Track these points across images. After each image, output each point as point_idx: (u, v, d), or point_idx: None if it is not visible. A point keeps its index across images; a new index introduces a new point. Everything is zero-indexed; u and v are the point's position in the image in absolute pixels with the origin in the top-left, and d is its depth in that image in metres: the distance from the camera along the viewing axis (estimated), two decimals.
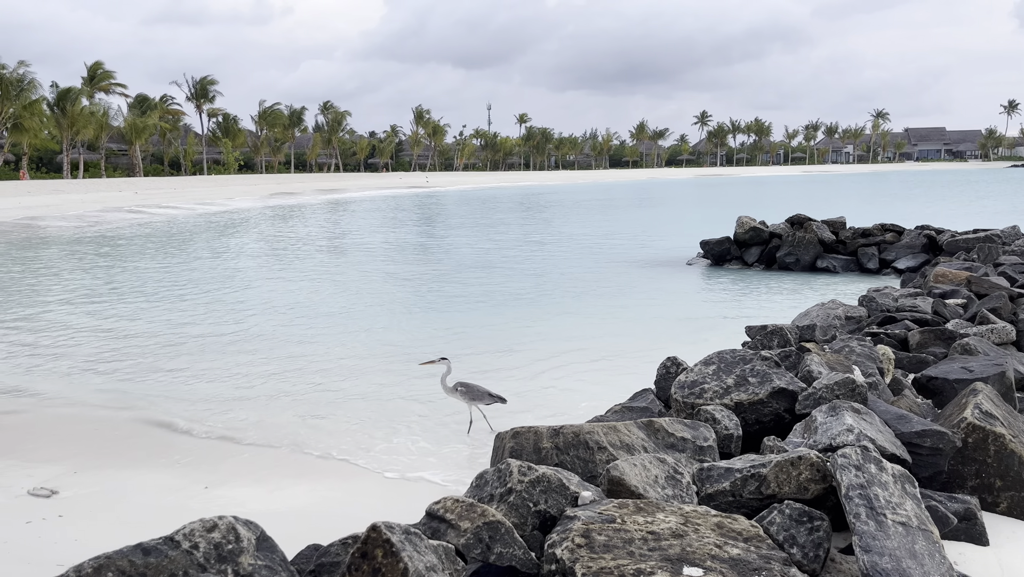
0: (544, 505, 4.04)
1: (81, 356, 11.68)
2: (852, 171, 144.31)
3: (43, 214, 41.69)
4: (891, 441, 4.83)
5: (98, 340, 12.79)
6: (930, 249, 20.10)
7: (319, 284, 19.32)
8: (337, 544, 3.69)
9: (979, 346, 7.46)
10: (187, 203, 53.30)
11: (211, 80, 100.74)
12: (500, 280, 19.74)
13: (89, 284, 19.30)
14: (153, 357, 11.60)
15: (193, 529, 3.35)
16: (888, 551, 3.66)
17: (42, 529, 5.54)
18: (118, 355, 11.74)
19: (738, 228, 22.29)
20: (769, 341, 8.11)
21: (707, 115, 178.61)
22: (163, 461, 7.22)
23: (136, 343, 12.55)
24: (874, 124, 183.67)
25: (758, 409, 5.62)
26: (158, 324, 14.11)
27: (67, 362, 11.31)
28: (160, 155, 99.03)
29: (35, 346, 12.39)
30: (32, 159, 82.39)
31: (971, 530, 4.51)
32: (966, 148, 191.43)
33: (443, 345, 12.19)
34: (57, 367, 11.04)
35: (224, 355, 11.67)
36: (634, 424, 5.16)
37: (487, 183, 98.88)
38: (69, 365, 11.14)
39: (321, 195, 69.15)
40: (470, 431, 7.89)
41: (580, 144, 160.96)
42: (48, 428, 8.32)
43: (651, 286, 18.61)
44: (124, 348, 12.20)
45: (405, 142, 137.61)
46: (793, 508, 3.98)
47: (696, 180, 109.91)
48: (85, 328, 13.76)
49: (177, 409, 9.02)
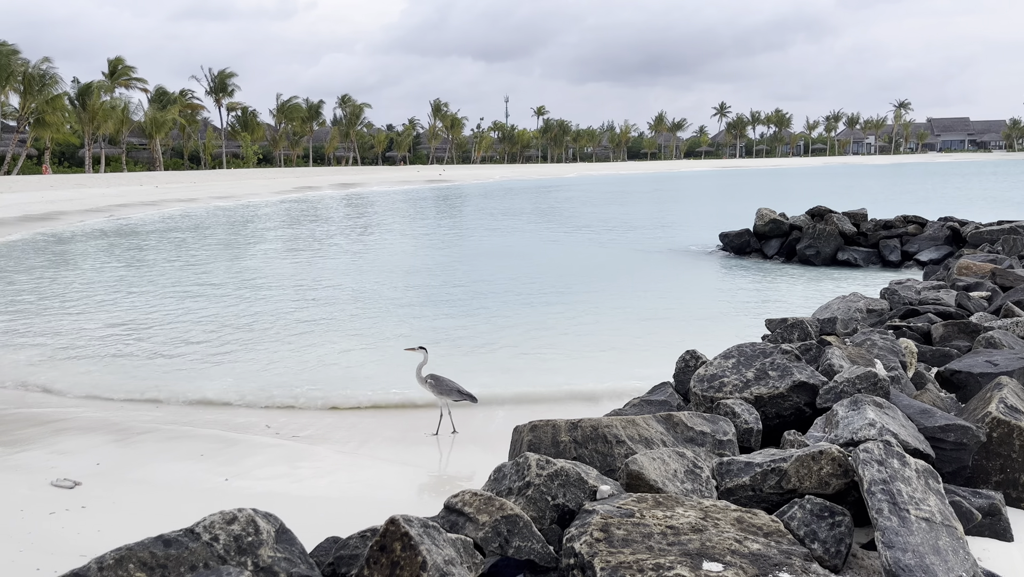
0: (563, 499, 4.03)
1: (104, 348, 11.80)
2: (872, 162, 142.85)
3: (65, 208, 42.13)
4: (914, 436, 4.77)
5: (122, 333, 12.91)
6: (953, 241, 19.86)
7: (339, 273, 19.39)
8: (356, 537, 3.70)
9: (1004, 339, 7.35)
10: (206, 196, 53.68)
11: (230, 73, 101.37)
12: (517, 272, 19.72)
13: (112, 276, 19.49)
14: (174, 352, 11.69)
15: (213, 521, 3.37)
16: (911, 547, 3.62)
17: (65, 520, 5.60)
18: (140, 348, 11.85)
19: (758, 220, 22.13)
20: (789, 334, 8.04)
21: (726, 106, 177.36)
22: (185, 453, 7.28)
23: (159, 337, 12.66)
24: (896, 115, 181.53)
25: (778, 403, 5.58)
26: (182, 317, 14.23)
27: (90, 354, 11.43)
28: (180, 149, 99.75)
29: (59, 337, 12.52)
30: (54, 153, 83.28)
31: (995, 526, 4.45)
32: (990, 138, 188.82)
33: (457, 337, 12.22)
34: (80, 359, 11.16)
35: (245, 350, 11.75)
36: (653, 418, 5.13)
37: (503, 175, 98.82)
38: (92, 357, 11.26)
39: (340, 189, 69.40)
40: (438, 432, 7.75)
41: (598, 136, 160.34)
42: (71, 419, 8.41)
43: (670, 279, 18.53)
44: (147, 342, 12.31)
45: (423, 135, 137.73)
46: (814, 503, 3.95)
47: (715, 172, 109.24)
48: (109, 320, 13.89)
49: (198, 402, 9.09)
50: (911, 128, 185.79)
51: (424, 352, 7.75)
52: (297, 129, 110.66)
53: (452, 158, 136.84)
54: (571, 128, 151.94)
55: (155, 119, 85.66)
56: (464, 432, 7.82)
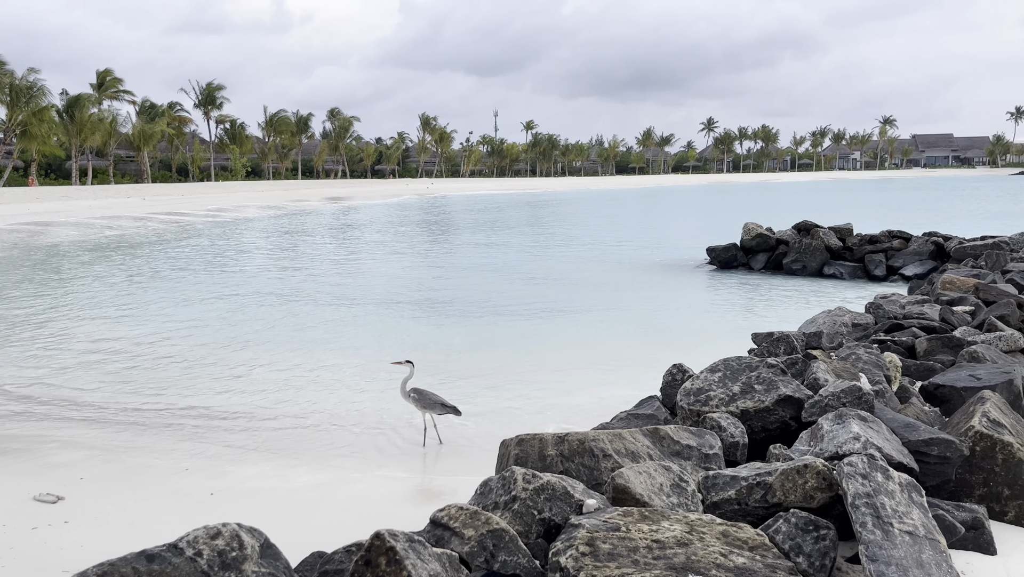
0: (549, 513, 4.03)
1: (88, 362, 11.71)
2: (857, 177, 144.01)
3: (52, 220, 41.89)
4: (898, 449, 4.80)
5: (104, 346, 12.82)
6: (937, 256, 20.03)
7: (327, 286, 19.35)
8: (341, 551, 3.69)
9: (987, 354, 7.42)
10: (195, 210, 53.49)
11: (218, 86, 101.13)
12: (504, 286, 19.74)
13: (98, 289, 19.37)
14: (160, 365, 11.62)
15: (197, 536, 3.35)
16: (895, 560, 3.64)
17: (48, 535, 5.54)
18: (124, 362, 11.77)
19: (745, 235, 22.26)
20: (775, 348, 8.08)
21: (714, 121, 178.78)
22: (170, 467, 7.23)
23: (142, 350, 12.58)
24: (881, 131, 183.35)
25: (764, 417, 5.60)
26: (168, 331, 14.14)
27: (73, 367, 11.34)
28: (168, 161, 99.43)
29: (42, 351, 12.42)
30: (41, 165, 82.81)
31: (979, 539, 4.48)
32: (974, 155, 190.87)
33: (444, 351, 12.21)
34: (63, 372, 11.07)
35: (227, 364, 11.69)
36: (639, 431, 5.15)
37: (491, 189, 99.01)
38: (75, 370, 11.17)
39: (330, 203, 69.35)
40: (425, 443, 7.77)
41: (587, 151, 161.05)
42: (54, 434, 8.34)
43: (657, 293, 18.59)
44: (129, 355, 12.23)
45: (412, 149, 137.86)
46: (799, 517, 3.96)
47: (702, 186, 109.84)
48: (92, 334, 13.79)
49: (183, 416, 9.04)
50: (896, 144, 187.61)
51: (411, 366, 7.75)
52: (286, 142, 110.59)
53: (441, 172, 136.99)
54: (560, 142, 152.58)
55: (143, 131, 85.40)
56: (451, 445, 7.80)
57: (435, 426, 7.87)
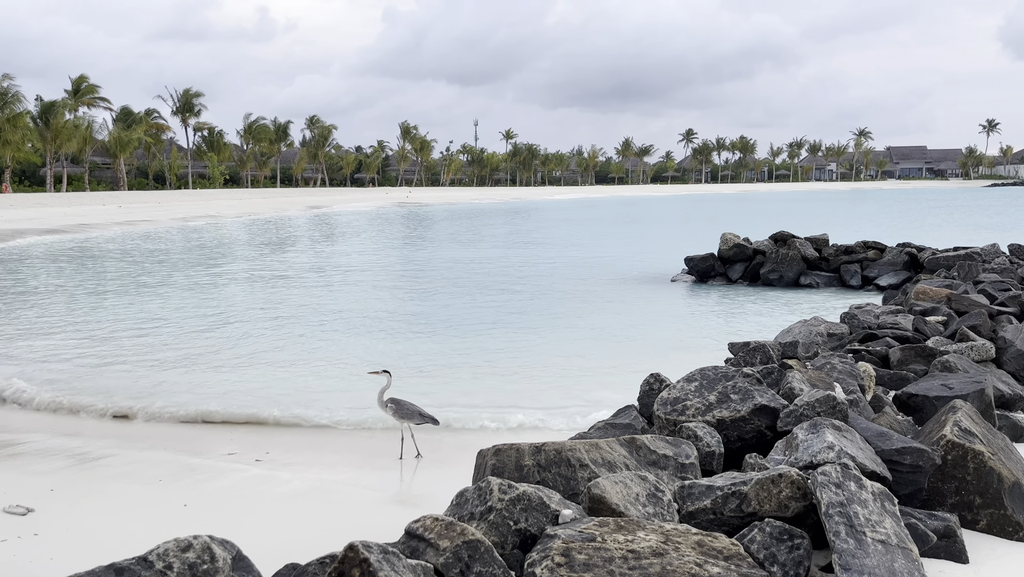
0: (525, 524, 4.02)
1: (57, 370, 11.55)
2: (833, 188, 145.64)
3: (25, 228, 41.34)
4: (871, 458, 4.84)
5: (76, 353, 12.65)
6: (911, 266, 20.28)
7: (305, 295, 19.24)
8: (315, 563, 3.65)
9: (959, 363, 7.51)
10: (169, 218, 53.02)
11: (196, 93, 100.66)
12: (481, 296, 19.72)
13: (73, 295, 19.12)
14: (136, 371, 11.49)
15: (167, 549, 3.31)
16: (868, 569, 3.66)
17: (17, 548, 5.45)
18: (96, 370, 11.62)
19: (722, 245, 22.41)
20: (752, 358, 8.13)
21: (692, 132, 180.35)
22: (144, 477, 7.14)
23: (115, 357, 12.43)
24: (857, 142, 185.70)
25: (740, 426, 5.63)
26: (143, 336, 13.99)
27: (43, 376, 11.18)
28: (145, 169, 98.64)
29: (10, 359, 12.24)
30: (15, 172, 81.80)
31: (951, 548, 4.52)
32: (947, 167, 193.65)
33: (422, 361, 12.17)
34: (33, 381, 10.90)
35: (201, 373, 11.58)
36: (616, 441, 5.15)
37: (470, 198, 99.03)
38: (45, 379, 11.00)
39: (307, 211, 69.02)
40: (402, 455, 7.66)
41: (566, 160, 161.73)
42: (25, 444, 8.21)
43: (635, 302, 18.65)
44: (102, 363, 12.08)
45: (392, 157, 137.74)
46: (774, 526, 3.98)
47: (681, 196, 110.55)
48: (63, 341, 13.61)
49: (156, 425, 8.93)
50: (871, 156, 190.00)
51: (388, 376, 7.69)
52: (265, 150, 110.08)
53: (421, 180, 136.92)
54: (540, 152, 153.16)
55: (119, 138, 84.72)
56: (428, 456, 7.77)
57: (413, 436, 7.81)
